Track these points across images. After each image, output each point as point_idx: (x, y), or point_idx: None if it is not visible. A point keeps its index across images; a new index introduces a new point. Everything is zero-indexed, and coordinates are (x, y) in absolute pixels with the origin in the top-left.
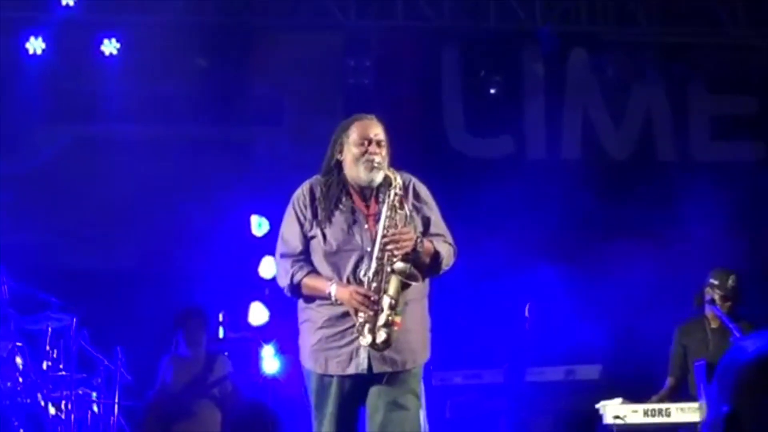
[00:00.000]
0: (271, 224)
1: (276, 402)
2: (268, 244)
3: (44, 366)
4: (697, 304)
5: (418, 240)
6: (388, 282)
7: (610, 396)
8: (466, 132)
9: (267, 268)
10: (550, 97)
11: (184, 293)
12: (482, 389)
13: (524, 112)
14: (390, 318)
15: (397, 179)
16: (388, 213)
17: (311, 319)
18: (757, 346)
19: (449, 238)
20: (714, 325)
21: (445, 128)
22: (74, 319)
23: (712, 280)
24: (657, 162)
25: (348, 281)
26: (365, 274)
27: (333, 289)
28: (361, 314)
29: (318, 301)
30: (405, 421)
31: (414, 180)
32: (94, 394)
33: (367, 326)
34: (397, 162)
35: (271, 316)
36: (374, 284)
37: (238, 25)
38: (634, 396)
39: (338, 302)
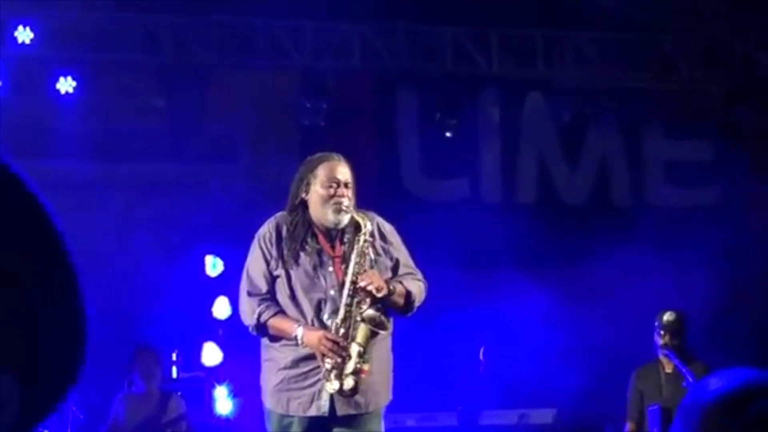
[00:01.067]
0: (225, 264)
1: None
2: (222, 284)
3: None
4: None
5: (390, 286)
6: (356, 329)
7: None
8: (421, 174)
9: (221, 308)
10: (505, 140)
11: (137, 332)
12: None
13: (480, 155)
14: (358, 366)
15: (367, 225)
16: (357, 259)
17: (274, 359)
18: (721, 384)
19: (419, 275)
20: (668, 369)
21: (401, 170)
22: None
23: (656, 323)
24: (612, 206)
25: (312, 323)
26: (329, 318)
27: (299, 332)
28: (327, 360)
29: (282, 341)
30: None
31: (378, 220)
32: None
33: (334, 372)
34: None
35: (225, 357)
36: (342, 330)
37: (193, 64)
38: None
39: (303, 345)
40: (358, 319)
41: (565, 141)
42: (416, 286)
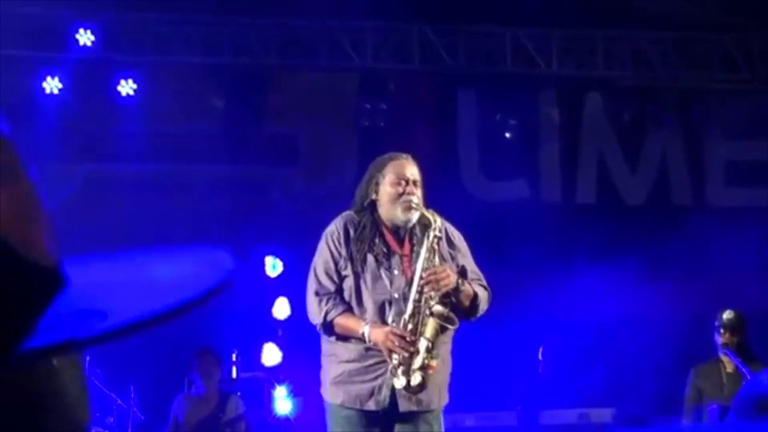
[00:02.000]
0: (285, 265)
1: None
2: (281, 285)
3: None
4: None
5: (459, 280)
6: (425, 324)
7: None
8: (481, 175)
9: (281, 309)
10: (565, 141)
11: (197, 333)
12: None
13: (539, 155)
14: (426, 361)
15: (437, 221)
16: (427, 254)
17: (336, 353)
18: None
19: (485, 282)
20: (729, 368)
21: (460, 172)
22: (86, 358)
23: (716, 322)
24: (672, 207)
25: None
26: (392, 321)
27: (367, 330)
28: (395, 356)
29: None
30: None
31: (447, 225)
32: None
33: (401, 368)
34: None
35: (284, 357)
36: (410, 326)
37: (254, 65)
38: None
39: (371, 342)
40: (427, 313)
41: (625, 141)
42: (482, 292)
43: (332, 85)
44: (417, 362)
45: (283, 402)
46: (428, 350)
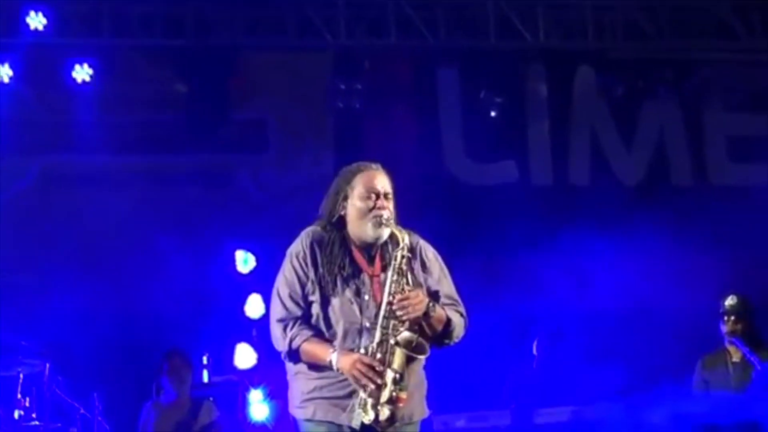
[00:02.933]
0: (257, 260)
1: None
2: (254, 281)
3: (16, 415)
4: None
5: (430, 304)
6: (392, 354)
7: None
8: (465, 157)
9: (254, 307)
10: (555, 118)
11: (165, 335)
12: None
13: (528, 135)
14: (394, 394)
15: (405, 239)
16: (395, 277)
17: (303, 371)
18: None
19: (461, 308)
20: (735, 358)
21: (443, 154)
22: (47, 365)
23: (720, 309)
24: (671, 186)
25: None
26: (363, 349)
27: (334, 357)
28: (364, 387)
29: None
30: None
31: (421, 243)
32: None
33: (369, 401)
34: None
35: (259, 359)
36: (378, 354)
37: (218, 46)
38: None
39: (338, 370)
40: (392, 342)
41: (619, 117)
42: (457, 318)
43: (303, 65)
44: (385, 395)
45: (258, 407)
46: (396, 382)
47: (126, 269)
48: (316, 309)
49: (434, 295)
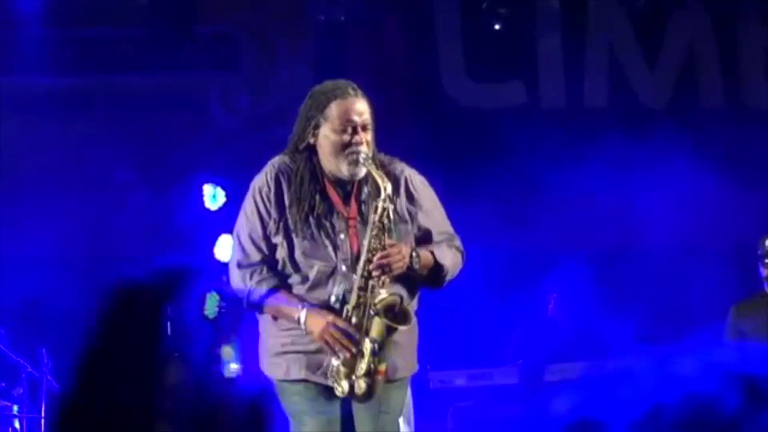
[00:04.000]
0: (227, 195)
1: (238, 408)
2: (224, 220)
3: None
4: None
5: (413, 255)
6: (370, 320)
7: None
8: (466, 77)
9: (224, 249)
10: (568, 32)
11: (125, 281)
12: (492, 392)
13: (537, 52)
14: (372, 366)
15: (387, 187)
16: (374, 232)
17: (270, 322)
18: None
19: (456, 241)
20: None
21: (441, 73)
22: None
23: (758, 251)
24: (701, 109)
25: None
26: (336, 301)
27: (303, 314)
28: (336, 353)
29: None
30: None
31: (407, 172)
32: (15, 408)
33: (343, 371)
34: (382, 117)
35: (228, 309)
36: (354, 319)
37: None
38: None
39: (307, 332)
40: (372, 312)
41: (641, 30)
42: (451, 256)
43: None
44: (361, 367)
45: (230, 364)
46: (374, 353)
47: (78, 209)
48: (281, 253)
49: (425, 233)
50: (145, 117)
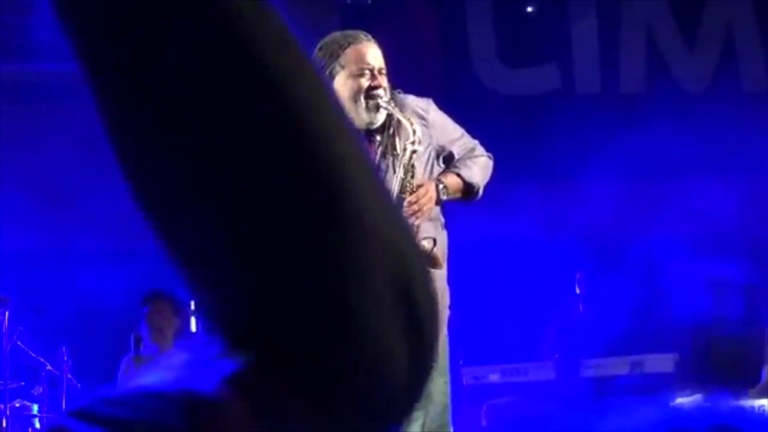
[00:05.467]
0: None
1: None
2: None
3: None
4: None
5: (441, 188)
6: None
7: (688, 392)
8: (498, 61)
9: None
10: (604, 13)
11: (147, 276)
12: (527, 388)
13: (572, 34)
14: None
15: (416, 131)
16: (404, 175)
17: None
18: None
19: (479, 149)
20: None
21: (471, 57)
22: (5, 313)
23: None
24: (742, 92)
25: None
26: None
27: None
28: None
29: None
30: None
31: (414, 104)
32: (35, 407)
33: None
34: None
35: None
36: None
37: None
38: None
39: None
40: None
41: (680, 12)
42: (477, 170)
43: None
44: None
45: None
46: None
47: (102, 201)
48: None
49: (448, 155)
50: None
